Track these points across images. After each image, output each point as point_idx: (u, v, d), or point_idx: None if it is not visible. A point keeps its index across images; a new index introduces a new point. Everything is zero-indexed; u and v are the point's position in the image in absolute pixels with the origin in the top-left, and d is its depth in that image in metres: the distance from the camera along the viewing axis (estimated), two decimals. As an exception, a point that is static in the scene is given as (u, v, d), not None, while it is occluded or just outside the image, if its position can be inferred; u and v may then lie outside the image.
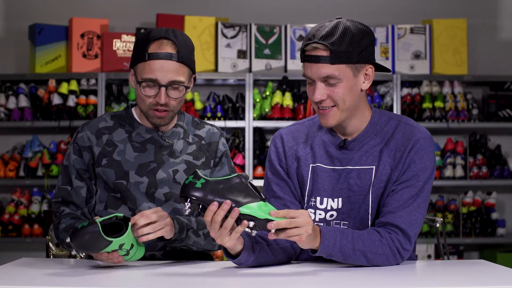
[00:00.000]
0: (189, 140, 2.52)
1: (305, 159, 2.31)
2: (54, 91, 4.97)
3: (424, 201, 2.22)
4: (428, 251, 5.05)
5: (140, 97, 2.41)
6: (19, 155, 5.07)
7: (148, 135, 2.47)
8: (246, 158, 4.98)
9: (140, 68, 2.39)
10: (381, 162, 2.23)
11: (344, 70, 2.15)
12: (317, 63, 2.15)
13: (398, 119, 2.29)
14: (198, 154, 2.51)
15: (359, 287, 1.94)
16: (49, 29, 5.00)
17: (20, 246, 5.18)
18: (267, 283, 1.98)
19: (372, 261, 2.14)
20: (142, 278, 2.03)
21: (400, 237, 2.17)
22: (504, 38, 5.44)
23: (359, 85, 2.21)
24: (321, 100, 2.18)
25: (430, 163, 2.23)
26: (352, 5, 5.40)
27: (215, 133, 2.57)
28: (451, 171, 5.09)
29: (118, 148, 2.45)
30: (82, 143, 2.46)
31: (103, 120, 2.51)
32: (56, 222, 2.44)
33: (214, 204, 1.97)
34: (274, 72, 5.02)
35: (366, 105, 2.29)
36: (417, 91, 5.14)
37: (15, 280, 1.95)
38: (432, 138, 2.26)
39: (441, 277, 2.06)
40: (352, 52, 2.14)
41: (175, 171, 2.46)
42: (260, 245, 2.16)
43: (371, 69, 2.22)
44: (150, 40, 2.37)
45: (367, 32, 2.18)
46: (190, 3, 5.35)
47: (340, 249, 2.10)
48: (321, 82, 2.17)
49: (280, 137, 2.36)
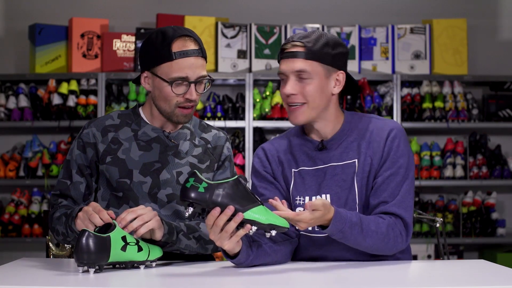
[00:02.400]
0: (195, 142, 2.52)
1: (288, 164, 2.39)
2: (54, 91, 4.97)
3: (410, 186, 2.31)
4: (428, 251, 5.05)
5: (166, 97, 2.39)
6: (19, 155, 5.07)
7: (154, 134, 2.47)
8: (246, 158, 4.98)
9: (166, 68, 2.37)
10: (361, 154, 2.32)
11: (316, 67, 2.27)
12: (292, 58, 2.26)
13: (369, 116, 2.41)
14: (203, 158, 2.51)
15: (359, 287, 1.94)
16: (49, 29, 5.00)
17: (20, 246, 5.18)
18: (266, 282, 1.98)
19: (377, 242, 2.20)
20: (142, 278, 2.03)
21: (398, 221, 2.26)
22: (504, 38, 5.44)
23: (330, 88, 2.32)
24: (292, 95, 2.28)
25: (407, 150, 2.33)
26: (352, 5, 5.40)
27: (221, 138, 2.57)
28: (451, 171, 5.09)
29: (123, 146, 2.45)
30: (87, 139, 2.46)
31: (110, 118, 2.51)
32: (52, 212, 2.44)
33: (216, 210, 2.00)
34: (274, 72, 5.02)
35: (339, 110, 2.39)
36: (417, 91, 5.14)
37: (15, 280, 1.95)
38: (403, 129, 2.37)
39: (441, 277, 2.06)
40: (326, 54, 2.27)
41: (179, 172, 2.45)
42: (258, 244, 2.19)
43: (342, 75, 2.33)
44: (172, 39, 2.37)
45: (343, 45, 2.33)
46: (190, 3, 5.35)
47: (351, 226, 2.15)
48: (294, 76, 2.28)
49: (261, 149, 2.46)
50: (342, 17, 5.32)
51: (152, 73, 2.41)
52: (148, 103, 2.51)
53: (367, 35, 5.12)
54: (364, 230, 2.17)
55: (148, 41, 2.42)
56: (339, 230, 2.14)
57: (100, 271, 2.04)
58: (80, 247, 2.00)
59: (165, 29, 2.41)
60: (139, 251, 2.12)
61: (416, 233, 5.08)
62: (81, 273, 2.03)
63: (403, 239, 2.26)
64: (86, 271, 2.03)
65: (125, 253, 2.08)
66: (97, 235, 2.02)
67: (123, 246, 2.07)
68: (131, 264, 2.13)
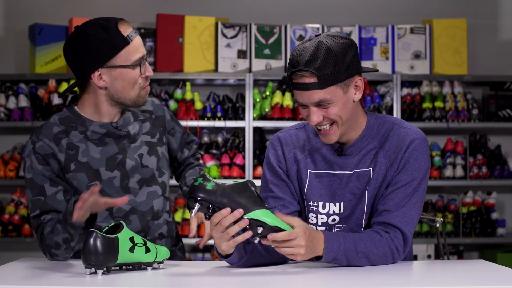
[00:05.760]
0: (141, 118, 2.51)
1: (304, 164, 2.33)
2: (54, 91, 4.97)
3: (419, 200, 2.25)
4: (428, 251, 5.05)
5: (133, 83, 2.38)
6: (19, 155, 5.07)
7: (103, 130, 2.42)
8: (246, 158, 4.98)
9: (124, 53, 2.35)
10: (377, 164, 2.26)
11: (334, 91, 2.16)
12: (306, 90, 2.16)
13: (393, 122, 2.31)
14: (153, 131, 2.52)
15: (358, 287, 1.94)
16: (49, 29, 5.00)
17: (20, 246, 5.19)
18: (263, 282, 1.98)
19: (373, 261, 2.17)
20: (140, 278, 2.03)
21: (398, 235, 2.20)
22: (504, 38, 5.44)
23: (351, 98, 2.22)
24: (319, 122, 2.21)
25: (424, 163, 2.25)
26: (352, 5, 5.40)
27: (159, 105, 2.59)
28: (451, 171, 5.09)
29: (80, 149, 2.39)
30: (44, 151, 2.36)
31: (55, 125, 2.41)
32: (39, 233, 2.34)
33: (226, 210, 1.99)
34: (274, 72, 5.02)
35: (361, 112, 2.31)
36: (417, 91, 5.14)
37: (15, 280, 1.95)
38: (426, 139, 2.29)
39: (441, 277, 2.06)
40: (339, 72, 2.14)
41: (140, 155, 2.45)
42: (252, 245, 2.16)
43: (361, 80, 2.23)
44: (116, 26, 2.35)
45: (348, 45, 2.18)
46: (190, 3, 5.35)
47: (344, 252, 2.12)
48: (314, 106, 2.19)
49: (278, 140, 2.37)
50: (342, 17, 5.32)
51: (108, 67, 2.36)
52: (89, 101, 2.42)
53: (367, 35, 5.12)
54: (360, 253, 2.13)
55: (85, 42, 2.33)
56: (333, 258, 2.11)
57: (108, 272, 2.01)
58: (88, 248, 1.97)
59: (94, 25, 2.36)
60: (146, 252, 2.09)
61: (416, 233, 5.08)
62: (88, 274, 2.00)
63: (399, 254, 2.21)
64: (93, 272, 2.01)
65: (133, 254, 2.06)
66: (105, 236, 2.00)
67: (131, 247, 2.05)
68: (139, 266, 2.11)
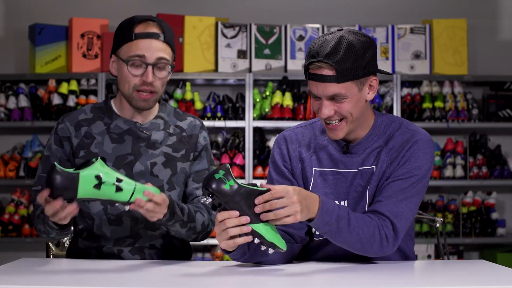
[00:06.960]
0: (169, 131, 2.51)
1: (309, 162, 2.32)
2: (54, 91, 4.98)
3: (413, 196, 2.22)
4: (428, 251, 5.05)
5: (124, 79, 2.41)
6: (19, 155, 5.07)
7: (126, 126, 2.47)
8: (246, 158, 4.98)
9: (126, 48, 2.39)
10: (379, 161, 2.26)
11: (350, 87, 2.16)
12: (323, 82, 2.15)
13: (400, 122, 2.31)
14: (178, 146, 2.50)
15: (358, 287, 1.94)
16: (49, 29, 5.00)
17: (20, 246, 5.19)
18: (263, 282, 1.98)
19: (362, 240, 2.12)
20: (140, 278, 2.03)
21: (387, 224, 2.17)
22: (504, 38, 5.44)
23: (364, 97, 2.22)
24: (329, 116, 2.20)
25: (425, 163, 2.24)
26: (352, 5, 5.40)
27: (196, 126, 2.56)
28: (451, 171, 5.09)
29: (96, 140, 2.45)
30: (62, 134, 2.47)
31: (83, 112, 2.51)
32: (33, 211, 2.41)
33: (235, 213, 1.99)
34: (274, 72, 5.02)
35: (370, 112, 2.31)
36: (417, 91, 5.14)
37: (15, 280, 1.95)
38: (431, 141, 2.28)
39: (441, 277, 2.06)
40: (358, 68, 2.15)
41: (153, 163, 2.45)
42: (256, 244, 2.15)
43: (376, 81, 2.24)
44: (136, 22, 2.39)
45: (369, 43, 2.19)
46: (190, 3, 5.35)
47: (337, 218, 2.08)
48: (328, 99, 2.18)
49: (283, 138, 2.38)
50: (342, 17, 5.32)
51: (116, 56, 2.44)
52: (119, 94, 2.51)
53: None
54: (351, 225, 2.10)
55: (118, 26, 2.45)
56: (325, 222, 2.06)
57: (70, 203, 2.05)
58: (47, 180, 2.02)
59: (135, 16, 2.44)
60: (117, 191, 2.07)
61: (416, 233, 5.08)
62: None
63: (389, 243, 2.16)
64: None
65: (99, 192, 2.05)
66: (64, 170, 2.01)
67: (96, 184, 2.04)
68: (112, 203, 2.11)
